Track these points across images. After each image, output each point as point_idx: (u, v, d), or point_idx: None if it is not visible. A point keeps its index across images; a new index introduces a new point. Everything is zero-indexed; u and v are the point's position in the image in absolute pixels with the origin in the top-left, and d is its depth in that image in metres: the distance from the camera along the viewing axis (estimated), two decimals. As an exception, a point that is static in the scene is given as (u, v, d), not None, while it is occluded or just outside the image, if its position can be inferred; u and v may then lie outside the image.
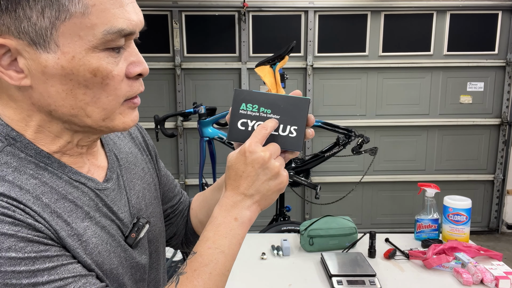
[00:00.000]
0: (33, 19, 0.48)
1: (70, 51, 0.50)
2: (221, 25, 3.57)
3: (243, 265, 1.50)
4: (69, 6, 0.48)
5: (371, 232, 1.56)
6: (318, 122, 2.36)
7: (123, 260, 0.62)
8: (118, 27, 0.51)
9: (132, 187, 0.69)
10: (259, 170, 0.59)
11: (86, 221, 0.57)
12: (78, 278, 0.52)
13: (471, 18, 3.61)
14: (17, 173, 0.52)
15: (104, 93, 0.53)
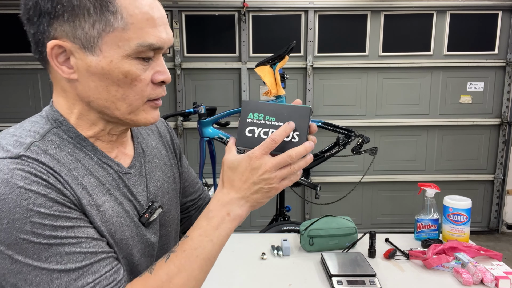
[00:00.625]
0: (86, 29, 0.62)
1: (110, 56, 0.63)
2: (221, 25, 3.57)
3: (243, 265, 1.50)
4: (113, 22, 0.62)
5: (371, 232, 1.56)
6: (318, 122, 2.36)
7: (135, 235, 0.72)
8: (149, 42, 0.64)
9: (152, 176, 0.81)
10: (259, 179, 0.66)
11: (106, 196, 0.69)
12: (90, 240, 0.63)
13: (471, 18, 3.61)
14: (58, 150, 0.66)
15: (132, 92, 0.66)
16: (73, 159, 0.67)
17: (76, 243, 0.61)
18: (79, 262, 0.61)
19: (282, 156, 0.66)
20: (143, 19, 0.63)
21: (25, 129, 0.66)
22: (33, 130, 0.66)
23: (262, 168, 0.66)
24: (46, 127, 0.68)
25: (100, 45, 0.63)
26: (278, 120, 0.69)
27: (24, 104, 3.60)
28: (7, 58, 3.52)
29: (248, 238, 1.78)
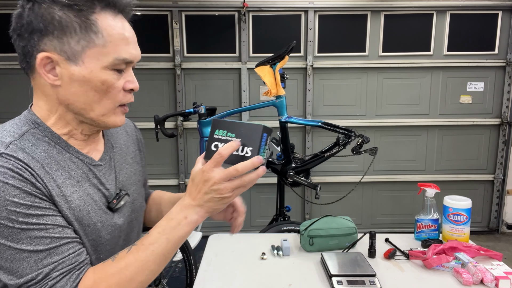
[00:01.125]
0: (72, 44, 0.74)
1: (90, 67, 0.76)
2: (221, 25, 3.57)
3: (243, 265, 1.50)
4: (95, 40, 0.75)
5: (371, 232, 1.55)
6: (318, 122, 2.36)
7: (104, 220, 0.84)
8: (123, 57, 0.78)
9: (121, 168, 0.94)
10: (209, 189, 0.75)
11: (76, 187, 0.80)
12: (57, 227, 0.74)
13: (471, 18, 3.61)
14: (34, 147, 0.76)
15: (107, 97, 0.79)
16: (47, 155, 0.78)
17: (44, 228, 0.72)
18: (46, 245, 0.72)
19: (229, 169, 0.74)
20: (119, 39, 0.77)
21: (5, 130, 0.77)
22: (13, 131, 0.77)
23: (211, 180, 0.75)
24: (24, 128, 0.78)
25: (83, 57, 0.75)
26: (236, 136, 0.77)
27: (24, 104, 3.57)
28: (7, 58, 3.52)
29: (248, 238, 1.78)
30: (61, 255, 0.73)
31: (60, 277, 0.72)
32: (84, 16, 0.74)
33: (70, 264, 0.74)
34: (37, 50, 0.74)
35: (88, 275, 0.75)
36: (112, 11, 0.78)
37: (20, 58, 0.79)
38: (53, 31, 0.73)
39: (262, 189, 3.81)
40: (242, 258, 1.55)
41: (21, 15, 0.76)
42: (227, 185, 0.75)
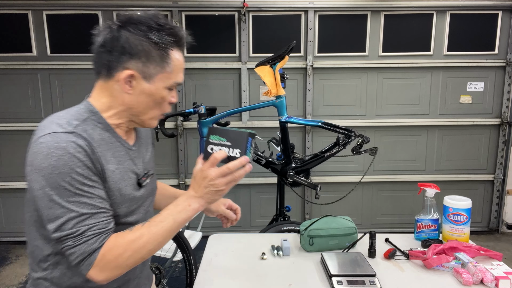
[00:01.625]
0: (150, 68, 0.99)
1: (157, 85, 1.01)
2: (221, 25, 3.57)
3: (243, 265, 1.50)
4: (166, 68, 1.00)
5: (371, 232, 1.56)
6: (318, 122, 2.36)
7: (134, 193, 1.06)
8: (178, 82, 1.05)
9: (145, 154, 1.17)
10: (207, 184, 0.98)
11: (118, 165, 1.02)
12: (99, 198, 0.95)
13: (471, 18, 3.61)
14: (92, 131, 0.98)
15: (158, 107, 1.05)
16: (100, 138, 0.99)
17: (91, 197, 0.93)
18: (89, 210, 0.92)
19: (223, 168, 0.97)
20: (179, 68, 1.03)
21: (71, 115, 0.98)
22: (76, 116, 0.98)
23: (208, 177, 0.97)
24: (85, 115, 0.99)
25: (154, 78, 1.00)
26: (227, 141, 0.99)
27: (24, 104, 3.60)
28: (7, 58, 3.52)
29: (248, 238, 1.78)
30: (96, 220, 0.93)
31: (92, 236, 0.92)
32: (164, 51, 0.99)
33: (101, 228, 0.93)
34: (123, 67, 0.98)
35: (111, 239, 0.94)
36: (179, 48, 1.03)
37: (98, 65, 1.01)
38: (140, 57, 0.97)
39: (262, 189, 3.81)
40: (242, 258, 1.55)
41: (117, 38, 0.97)
42: (221, 180, 0.97)
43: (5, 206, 3.74)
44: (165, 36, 0.98)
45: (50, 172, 0.88)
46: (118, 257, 0.93)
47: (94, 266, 0.91)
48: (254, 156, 1.05)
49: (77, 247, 0.90)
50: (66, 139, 0.91)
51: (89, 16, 3.50)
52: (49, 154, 0.89)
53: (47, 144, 0.89)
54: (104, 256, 0.92)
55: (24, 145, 3.95)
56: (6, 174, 3.68)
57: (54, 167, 0.88)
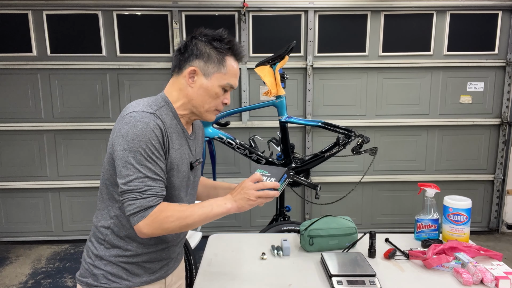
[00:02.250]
0: (209, 68, 1.23)
1: (214, 82, 1.24)
2: (221, 25, 3.54)
3: (243, 265, 1.50)
4: (221, 70, 1.24)
5: (371, 232, 1.56)
6: (318, 122, 2.36)
7: (187, 171, 1.29)
8: (231, 83, 1.27)
9: (198, 145, 1.41)
10: (242, 191, 1.19)
11: (180, 146, 1.26)
12: (161, 169, 1.17)
13: (471, 18, 3.61)
14: (165, 116, 1.22)
15: (213, 101, 1.27)
16: (171, 123, 1.23)
17: (155, 165, 1.15)
18: (152, 174, 1.14)
19: (258, 183, 1.19)
20: (233, 73, 1.26)
21: (152, 102, 1.23)
22: (156, 103, 1.23)
23: (246, 186, 1.19)
24: (162, 103, 1.24)
25: (211, 76, 1.24)
26: (269, 173, 1.25)
27: (24, 104, 3.60)
28: (7, 58, 3.52)
29: (248, 238, 1.78)
30: (156, 184, 1.15)
31: (150, 195, 1.13)
32: (221, 56, 1.24)
33: (158, 192, 1.15)
34: (189, 64, 1.24)
35: (164, 203, 1.17)
36: (235, 58, 1.28)
37: (174, 65, 1.27)
38: (203, 58, 1.23)
39: (262, 189, 3.80)
40: (242, 258, 1.55)
41: (189, 44, 1.24)
42: (253, 192, 1.18)
43: (5, 206, 3.74)
44: (224, 44, 1.25)
45: (133, 139, 1.13)
46: (165, 219, 1.13)
47: (145, 219, 1.12)
48: (283, 187, 1.24)
49: (138, 200, 1.12)
50: (149, 117, 1.16)
51: (89, 16, 3.50)
52: (135, 125, 1.14)
53: (135, 118, 1.15)
54: (155, 213, 1.13)
55: (24, 145, 3.96)
56: (6, 174, 3.68)
57: (136, 135, 1.13)
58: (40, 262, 3.41)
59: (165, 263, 1.33)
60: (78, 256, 3.52)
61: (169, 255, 1.34)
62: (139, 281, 1.26)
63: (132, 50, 3.57)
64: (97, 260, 1.25)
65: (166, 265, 1.34)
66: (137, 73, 3.59)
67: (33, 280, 3.10)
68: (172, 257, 1.36)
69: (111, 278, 1.24)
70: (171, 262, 1.36)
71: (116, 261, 1.24)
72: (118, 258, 1.24)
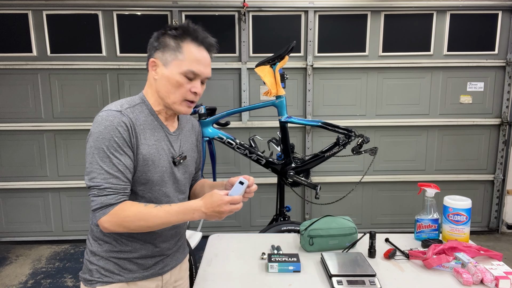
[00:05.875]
0: (167, 56, 1.23)
1: (172, 70, 1.22)
2: (221, 25, 3.57)
3: (243, 265, 1.50)
4: (178, 56, 1.22)
5: (371, 232, 1.56)
6: (318, 122, 2.36)
7: (167, 167, 1.29)
8: (193, 70, 1.23)
9: (184, 143, 1.38)
10: (218, 210, 1.17)
11: (155, 142, 1.26)
12: (125, 166, 1.18)
13: (471, 18, 3.61)
14: (139, 114, 1.24)
15: (177, 92, 1.24)
16: (145, 120, 1.25)
17: (119, 162, 1.16)
18: (114, 171, 1.16)
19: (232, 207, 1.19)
20: (192, 59, 1.23)
21: (127, 101, 1.26)
22: (131, 101, 1.26)
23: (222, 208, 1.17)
24: (137, 101, 1.27)
25: (170, 64, 1.22)
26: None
27: (24, 104, 3.60)
28: (7, 58, 3.52)
29: (248, 238, 1.78)
30: (118, 181, 1.16)
31: (111, 193, 1.15)
32: (177, 42, 1.22)
33: (119, 189, 1.17)
34: (151, 57, 1.25)
35: (128, 202, 1.18)
36: (195, 43, 1.24)
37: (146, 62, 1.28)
38: (161, 48, 1.23)
39: (262, 189, 3.81)
40: (242, 258, 1.55)
41: (152, 41, 1.26)
42: (227, 208, 1.17)
43: (5, 206, 3.74)
44: (179, 30, 1.23)
45: (97, 136, 1.16)
46: (125, 218, 1.15)
47: (106, 216, 1.15)
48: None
49: (99, 197, 1.15)
50: (114, 115, 1.18)
51: (89, 16, 3.50)
52: (101, 123, 1.17)
53: (101, 117, 1.18)
54: (116, 212, 1.15)
55: (24, 145, 3.96)
56: (6, 174, 3.68)
57: (101, 133, 1.16)
58: (40, 262, 3.41)
59: (159, 259, 1.33)
60: (78, 256, 3.52)
61: (162, 252, 1.33)
62: (131, 277, 1.28)
63: (132, 50, 3.57)
64: (92, 256, 1.28)
65: (161, 262, 1.34)
66: (137, 73, 3.59)
67: (33, 280, 3.10)
68: (167, 254, 1.35)
69: (103, 273, 1.26)
70: (167, 259, 1.36)
71: (107, 256, 1.26)
72: (109, 254, 1.26)
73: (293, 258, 1.45)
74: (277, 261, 1.44)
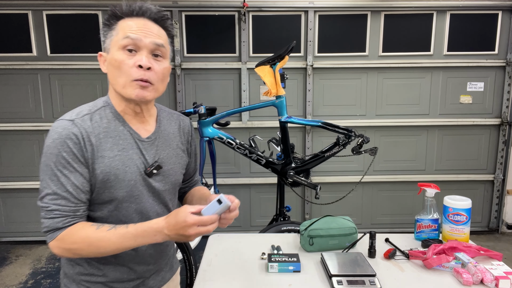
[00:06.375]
0: (106, 43, 1.10)
1: (112, 52, 1.07)
2: (221, 25, 3.57)
3: (243, 265, 1.50)
4: (113, 36, 1.08)
5: (371, 232, 1.56)
6: (318, 122, 2.36)
7: (137, 179, 1.11)
8: (127, 34, 1.05)
9: (163, 149, 1.19)
10: (183, 232, 0.98)
11: (120, 152, 1.08)
12: (74, 185, 1.03)
13: (471, 18, 3.61)
14: (100, 120, 1.08)
15: (121, 72, 1.06)
16: (107, 126, 1.08)
17: (68, 181, 1.02)
18: (62, 191, 1.02)
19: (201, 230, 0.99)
20: (126, 28, 1.06)
21: (88, 105, 1.11)
22: (92, 106, 1.11)
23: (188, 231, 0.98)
24: (100, 105, 1.11)
25: (110, 48, 1.08)
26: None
27: (24, 104, 3.60)
28: (7, 58, 3.52)
29: (248, 238, 1.78)
30: (67, 202, 1.02)
31: (59, 216, 1.02)
32: (111, 24, 1.09)
33: (68, 211, 1.03)
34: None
35: (77, 225, 1.03)
36: (131, 17, 1.09)
37: None
38: (104, 38, 1.10)
39: (262, 189, 3.81)
40: (242, 258, 1.55)
41: None
42: (194, 231, 0.98)
43: (5, 206, 3.74)
44: (110, 12, 1.09)
45: (46, 150, 1.03)
46: (72, 244, 1.02)
47: (54, 241, 1.02)
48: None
49: (46, 219, 1.03)
50: (64, 125, 1.03)
51: (89, 16, 3.50)
52: (50, 136, 1.04)
53: (52, 128, 1.05)
54: (63, 237, 1.02)
55: (24, 145, 3.96)
56: (6, 174, 3.68)
57: (49, 147, 1.02)
58: (40, 262, 3.41)
59: (138, 282, 1.19)
60: (78, 256, 3.52)
61: (140, 275, 1.20)
62: None
63: (132, 50, 3.57)
64: (64, 278, 1.17)
65: (142, 285, 1.20)
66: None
67: (33, 280, 3.10)
68: (146, 276, 1.21)
69: None
70: (149, 281, 1.22)
71: (79, 280, 1.14)
72: (81, 277, 1.14)
73: (293, 258, 1.45)
74: (277, 261, 1.44)
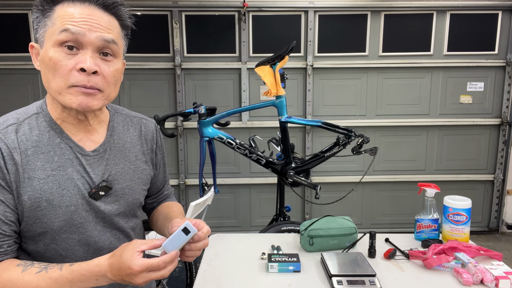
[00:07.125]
0: (39, 34, 0.85)
1: (46, 46, 0.83)
2: (221, 25, 3.57)
3: (243, 265, 1.50)
4: (48, 25, 0.84)
5: (371, 232, 1.56)
6: (318, 122, 2.36)
7: (79, 204, 0.90)
8: (64, 27, 0.81)
9: (116, 163, 0.97)
10: (128, 277, 0.79)
11: (55, 171, 0.87)
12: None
13: (471, 18, 3.61)
14: (29, 132, 0.87)
15: (57, 75, 0.83)
16: (37, 139, 0.87)
17: None
18: None
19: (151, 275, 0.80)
20: (64, 16, 0.82)
21: (18, 113, 0.91)
22: (21, 114, 0.91)
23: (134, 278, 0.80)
24: (31, 112, 0.91)
25: (44, 42, 0.84)
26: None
27: (24, 104, 3.57)
28: (7, 58, 3.52)
29: (248, 238, 1.78)
30: None
31: None
32: (47, 12, 0.84)
33: None
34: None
35: (2, 265, 0.83)
36: (73, 2, 0.84)
37: None
38: (34, 28, 0.88)
39: (262, 189, 3.81)
40: (242, 258, 1.55)
41: None
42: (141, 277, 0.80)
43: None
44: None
45: None
46: None
47: None
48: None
49: None
50: None
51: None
52: None
53: None
54: None
55: (24, 145, 3.89)
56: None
57: None
58: (40, 262, 3.40)
59: None
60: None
61: None
62: None
63: (132, 50, 3.56)
64: None
65: None
66: (137, 73, 3.58)
67: (33, 280, 3.10)
68: None
69: None
70: None
71: None
72: None
73: (293, 258, 1.45)
74: (277, 261, 1.44)
